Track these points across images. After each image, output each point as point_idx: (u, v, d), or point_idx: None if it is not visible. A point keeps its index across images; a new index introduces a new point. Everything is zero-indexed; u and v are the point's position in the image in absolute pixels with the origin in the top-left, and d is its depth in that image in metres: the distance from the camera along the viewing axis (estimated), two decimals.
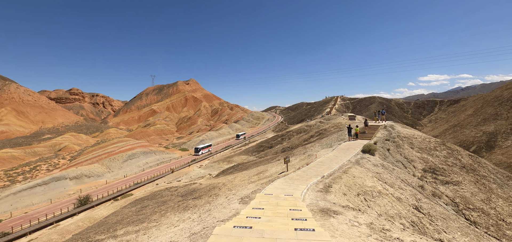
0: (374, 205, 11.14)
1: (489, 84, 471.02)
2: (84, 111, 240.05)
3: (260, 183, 13.39)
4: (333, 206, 9.16)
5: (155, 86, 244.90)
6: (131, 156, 70.68)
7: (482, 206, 14.24)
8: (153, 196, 28.94)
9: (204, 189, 20.80)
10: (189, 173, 59.14)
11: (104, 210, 31.73)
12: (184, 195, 22.51)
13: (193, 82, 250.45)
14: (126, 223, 17.82)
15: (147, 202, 25.31)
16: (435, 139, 22.07)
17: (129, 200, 33.12)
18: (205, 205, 12.74)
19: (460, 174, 17.19)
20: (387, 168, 16.01)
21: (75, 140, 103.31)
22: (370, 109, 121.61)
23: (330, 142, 24.42)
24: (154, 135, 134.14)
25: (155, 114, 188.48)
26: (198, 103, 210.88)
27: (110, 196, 44.77)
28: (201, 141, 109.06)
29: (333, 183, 12.05)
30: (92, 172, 58.93)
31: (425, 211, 12.05)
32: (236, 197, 10.91)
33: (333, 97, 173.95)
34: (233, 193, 13.21)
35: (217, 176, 41.41)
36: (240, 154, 70.16)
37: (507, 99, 73.68)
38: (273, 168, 20.16)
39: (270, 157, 38.17)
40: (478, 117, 74.98)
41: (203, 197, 16.51)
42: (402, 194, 12.95)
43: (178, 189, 27.95)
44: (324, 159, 16.81)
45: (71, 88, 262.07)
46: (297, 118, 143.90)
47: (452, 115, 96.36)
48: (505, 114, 68.10)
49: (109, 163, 65.84)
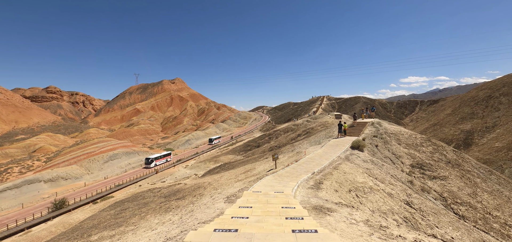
0: (366, 201, 10.72)
1: (464, 86, 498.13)
2: (62, 110, 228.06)
3: (248, 181, 12.64)
4: (326, 203, 8.59)
5: (139, 85, 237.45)
6: (112, 156, 67.54)
7: (469, 200, 14.29)
8: (135, 197, 27.40)
9: (189, 189, 19.75)
10: (174, 173, 57.30)
11: (81, 214, 29.71)
12: (167, 195, 21.32)
13: (179, 81, 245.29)
14: (102, 228, 16.46)
15: (128, 204, 23.82)
16: (421, 135, 22.31)
17: (109, 203, 31.23)
18: (188, 205, 11.81)
19: (446, 169, 17.31)
20: (376, 163, 15.77)
21: (52, 141, 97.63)
22: (355, 109, 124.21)
23: (318, 139, 24.10)
24: (137, 135, 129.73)
25: (139, 114, 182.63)
26: (184, 102, 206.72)
27: (88, 199, 42.31)
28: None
29: (324, 180, 11.53)
30: (70, 174, 55.60)
31: (416, 206, 11.81)
32: (222, 196, 10.09)
33: (319, 97, 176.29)
34: (219, 192, 12.37)
35: (203, 175, 40.20)
36: (227, 153, 69.01)
37: (482, 99, 77.56)
38: (261, 166, 19.48)
39: (258, 156, 37.51)
40: (456, 117, 78.39)
41: (187, 197, 15.52)
42: (393, 190, 12.67)
43: (162, 190, 26.60)
44: (313, 155, 16.33)
45: (48, 87, 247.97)
46: (284, 118, 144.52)
47: (432, 114, 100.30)
48: (480, 114, 71.61)
49: (88, 164, 62.48)
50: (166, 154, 72.24)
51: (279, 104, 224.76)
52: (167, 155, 72.63)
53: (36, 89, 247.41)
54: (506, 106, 67.60)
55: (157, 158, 67.93)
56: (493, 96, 74.83)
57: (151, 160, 65.89)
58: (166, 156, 71.61)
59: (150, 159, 65.97)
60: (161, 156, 69.79)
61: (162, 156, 70.06)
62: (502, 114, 65.54)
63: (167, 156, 72.24)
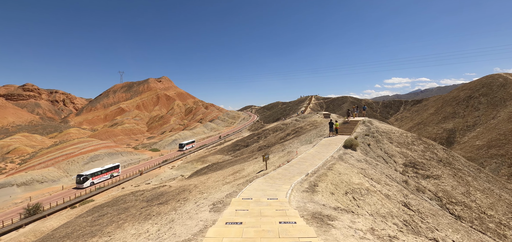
0: (364, 204, 10.00)
1: (444, 87, 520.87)
2: (40, 109, 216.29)
3: (237, 184, 11.61)
4: (323, 208, 7.74)
5: (124, 83, 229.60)
6: (93, 157, 64.24)
7: (463, 199, 13.99)
8: (115, 201, 25.65)
9: (173, 192, 18.46)
10: (159, 174, 55.18)
11: (55, 221, 27.51)
12: (150, 199, 19.90)
13: (165, 80, 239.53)
14: (76, 237, 14.90)
15: (107, 210, 22.13)
16: (411, 134, 22.14)
17: (87, 207, 29.17)
18: (170, 212, 10.63)
19: (438, 167, 17.06)
20: (370, 163, 15.20)
21: (28, 141, 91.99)
22: (343, 108, 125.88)
23: (309, 138, 23.43)
24: (122, 135, 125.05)
25: (124, 113, 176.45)
26: (171, 102, 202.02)
27: (66, 204, 39.66)
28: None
29: (319, 181, 10.72)
30: (46, 177, 52.17)
31: (414, 207, 11.26)
32: (208, 202, 9.02)
33: (307, 97, 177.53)
34: (205, 196, 11.27)
35: (189, 177, 38.69)
36: (215, 153, 67.50)
37: (463, 99, 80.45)
38: (250, 166, 18.50)
39: (247, 156, 36.51)
40: (439, 116, 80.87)
41: (170, 202, 14.28)
42: (390, 190, 12.08)
43: (144, 193, 25.04)
44: (305, 155, 15.54)
45: (24, 84, 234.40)
46: (273, 117, 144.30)
47: (416, 114, 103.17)
48: (462, 113, 74.19)
49: (67, 166, 59.02)
50: (111, 167, 53.41)
51: (267, 104, 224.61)
52: (113, 168, 53.86)
53: (11, 87, 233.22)
54: (485, 106, 70.38)
55: (94, 174, 48.63)
56: (473, 96, 77.77)
57: (84, 178, 46.86)
58: (111, 170, 52.96)
59: (84, 176, 46.93)
60: (103, 170, 50.92)
61: (105, 171, 51.48)
62: (482, 114, 68.15)
63: (113, 169, 53.53)
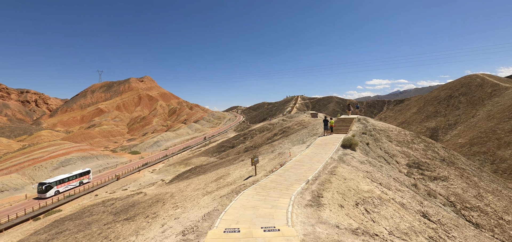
0: (379, 218, 7.97)
1: (421, 88, 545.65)
2: (9, 110, 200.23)
3: (219, 196, 9.18)
4: (339, 233, 5.56)
5: (103, 83, 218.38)
6: (64, 162, 58.83)
7: (477, 203, 12.46)
8: (81, 214, 22.26)
9: (146, 204, 15.67)
10: (138, 179, 51.22)
11: (8, 238, 23.53)
12: (119, 212, 16.95)
13: (148, 80, 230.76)
14: None
15: (68, 225, 18.83)
16: (409, 132, 20.77)
17: (48, 221, 25.33)
18: (131, 237, 8.02)
19: (443, 167, 15.59)
20: (374, 165, 13.34)
21: None
22: (328, 108, 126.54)
23: (301, 138, 21.42)
24: (99, 137, 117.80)
25: (103, 114, 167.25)
26: (154, 102, 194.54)
27: (28, 215, 35.09)
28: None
29: (323, 190, 8.57)
30: (7, 185, 46.62)
31: (434, 218, 9.42)
32: (178, 227, 6.56)
33: (293, 97, 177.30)
34: (178, 213, 8.75)
35: (170, 181, 35.57)
36: (199, 155, 64.25)
37: (443, 98, 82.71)
38: (236, 171, 16.12)
39: (233, 157, 34.03)
40: (421, 115, 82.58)
41: (138, 218, 11.57)
42: (403, 198, 10.19)
43: (115, 203, 21.88)
44: (301, 157, 13.41)
45: None
46: (259, 118, 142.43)
47: (399, 113, 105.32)
48: (443, 112, 76.05)
49: (33, 172, 53.40)
50: (81, 173, 48.56)
51: (253, 104, 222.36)
52: (83, 174, 49.04)
53: None
54: (465, 105, 72.50)
55: (60, 181, 44.15)
56: (453, 96, 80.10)
57: (47, 186, 41.74)
58: (80, 176, 48.19)
59: (47, 185, 41.73)
60: (70, 177, 46.16)
61: (73, 177, 46.66)
62: (462, 113, 70.06)
63: (82, 175, 48.76)
